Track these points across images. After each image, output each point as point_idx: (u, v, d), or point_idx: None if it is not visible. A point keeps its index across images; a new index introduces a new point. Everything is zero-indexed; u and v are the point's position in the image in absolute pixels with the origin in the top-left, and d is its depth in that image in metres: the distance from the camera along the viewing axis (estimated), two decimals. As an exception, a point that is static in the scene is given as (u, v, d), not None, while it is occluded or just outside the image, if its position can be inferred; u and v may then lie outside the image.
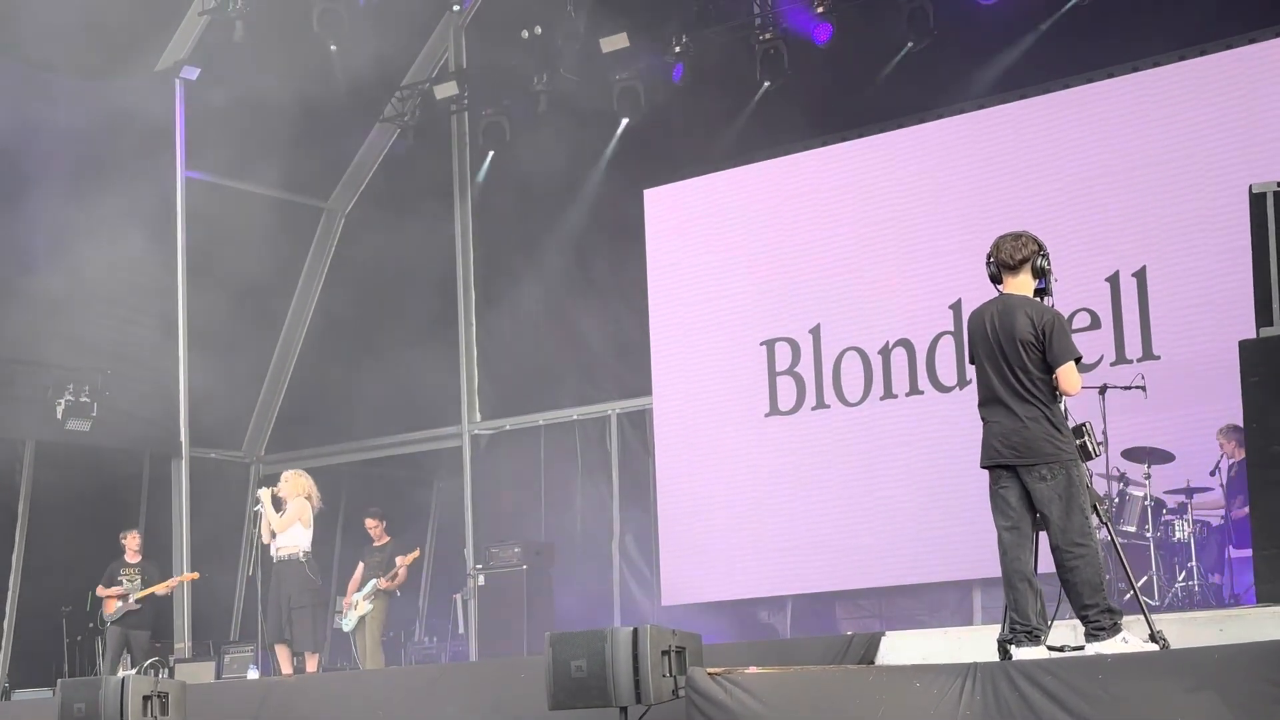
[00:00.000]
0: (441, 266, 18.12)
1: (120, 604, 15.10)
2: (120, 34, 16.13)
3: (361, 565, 15.12)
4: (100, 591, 15.30)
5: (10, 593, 16.36)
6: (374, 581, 14.85)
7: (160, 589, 15.21)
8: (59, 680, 11.31)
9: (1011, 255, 7.75)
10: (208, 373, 17.61)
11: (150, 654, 15.08)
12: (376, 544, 15.18)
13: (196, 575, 15.95)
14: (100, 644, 15.64)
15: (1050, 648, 7.53)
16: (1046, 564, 7.61)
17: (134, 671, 13.86)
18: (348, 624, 14.94)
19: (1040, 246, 7.78)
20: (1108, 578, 11.89)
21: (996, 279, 7.84)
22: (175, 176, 17.47)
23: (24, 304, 16.03)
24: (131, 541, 15.40)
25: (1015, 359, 7.60)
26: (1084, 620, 7.48)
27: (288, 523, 13.36)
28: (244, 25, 16.45)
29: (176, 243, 17.48)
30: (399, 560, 14.93)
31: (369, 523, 15.30)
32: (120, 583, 15.19)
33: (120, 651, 15.10)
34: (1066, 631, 7.79)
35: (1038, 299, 7.75)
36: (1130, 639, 7.46)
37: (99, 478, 16.81)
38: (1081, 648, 7.52)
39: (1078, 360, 7.64)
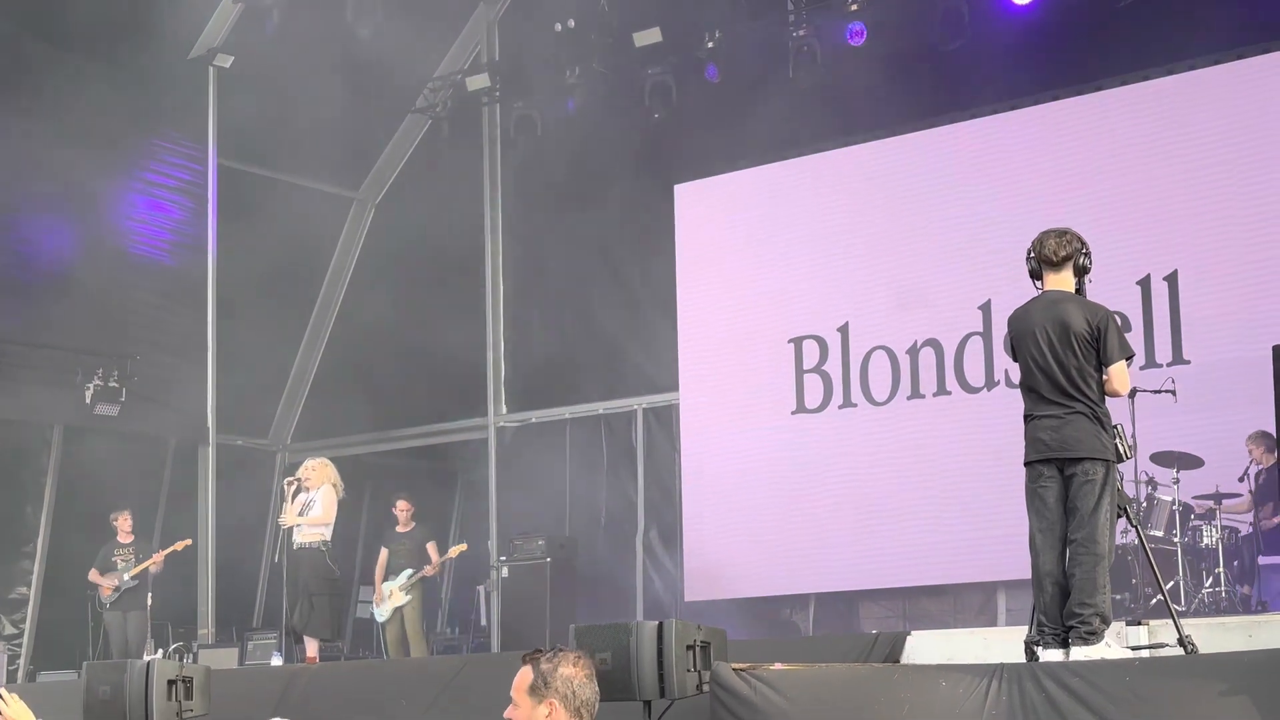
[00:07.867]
0: (470, 258, 18.12)
1: (117, 586, 15.09)
2: (155, 22, 16.17)
3: (385, 551, 14.91)
4: (93, 576, 15.25)
5: (35, 576, 16.41)
6: (408, 571, 14.72)
7: (152, 564, 15.09)
8: (84, 663, 11.31)
9: (1055, 251, 7.69)
10: (235, 360, 17.66)
11: (146, 635, 15.04)
12: (401, 528, 15.02)
13: (189, 542, 15.76)
14: (99, 631, 15.55)
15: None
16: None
17: (159, 655, 13.87)
18: (381, 615, 14.77)
19: (1083, 244, 7.74)
20: (1133, 581, 11.92)
21: (1036, 274, 7.78)
22: (208, 164, 17.52)
23: (53, 289, 16.07)
24: (123, 523, 15.31)
25: (1067, 355, 7.52)
26: (1075, 619, 7.40)
27: (323, 518, 13.35)
28: (278, 14, 16.50)
29: (208, 230, 17.52)
30: (433, 551, 14.81)
31: (401, 504, 15.04)
32: (115, 565, 15.15)
33: (122, 635, 15.06)
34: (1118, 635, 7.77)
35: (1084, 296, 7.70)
36: (1114, 645, 7.42)
37: (126, 462, 16.84)
38: (1138, 648, 7.49)
39: (1129, 359, 7.58)
